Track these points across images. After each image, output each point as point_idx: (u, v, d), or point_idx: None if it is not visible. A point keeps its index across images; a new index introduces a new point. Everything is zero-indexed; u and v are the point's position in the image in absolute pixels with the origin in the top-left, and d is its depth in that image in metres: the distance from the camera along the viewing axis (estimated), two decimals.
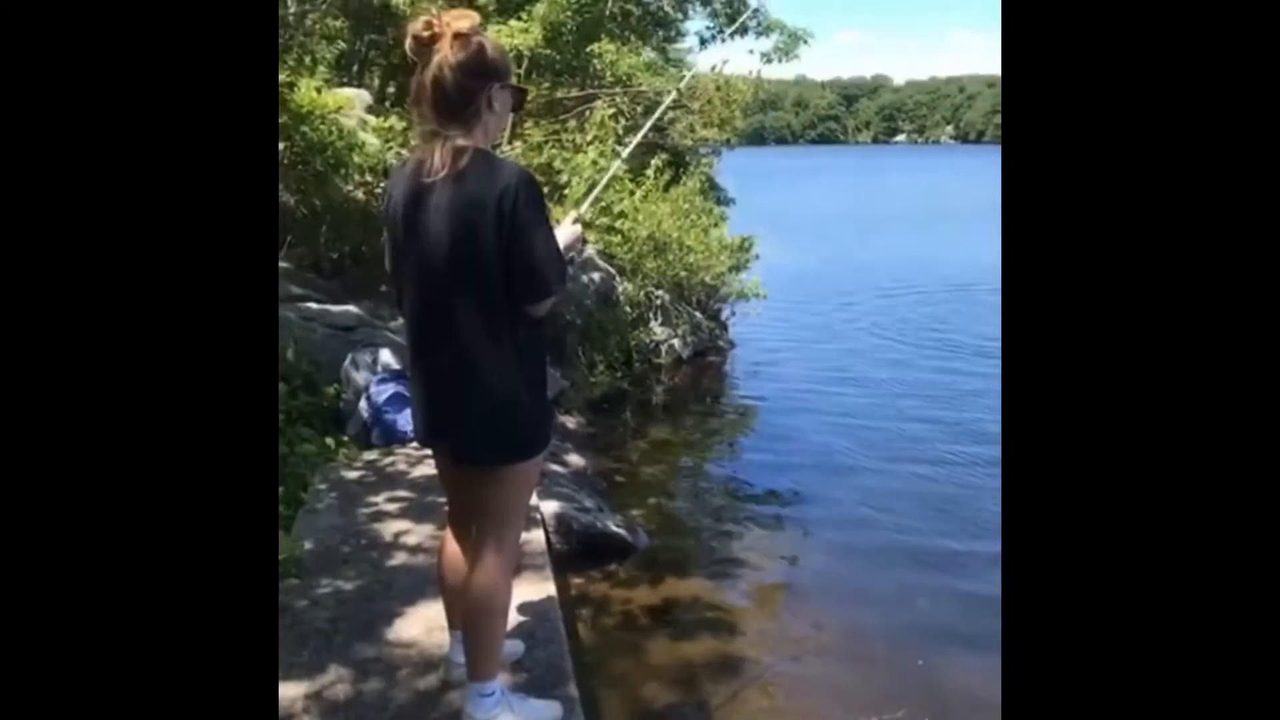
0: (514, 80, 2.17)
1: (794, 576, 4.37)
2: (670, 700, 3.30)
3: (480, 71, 2.01)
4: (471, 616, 2.21)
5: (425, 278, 2.08)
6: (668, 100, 5.02)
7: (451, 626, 2.46)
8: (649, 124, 3.74)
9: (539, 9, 8.46)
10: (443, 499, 2.70)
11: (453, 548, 2.36)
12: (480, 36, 2.03)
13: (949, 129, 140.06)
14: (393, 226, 2.13)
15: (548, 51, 8.51)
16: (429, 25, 1.98)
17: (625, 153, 3.39)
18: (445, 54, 1.97)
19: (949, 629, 3.81)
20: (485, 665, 2.21)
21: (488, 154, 2.05)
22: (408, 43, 2.01)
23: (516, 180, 1.99)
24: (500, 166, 2.03)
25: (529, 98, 2.13)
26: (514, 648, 2.64)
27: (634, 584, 4.11)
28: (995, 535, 4.57)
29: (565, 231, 2.30)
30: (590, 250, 7.07)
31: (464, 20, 2.00)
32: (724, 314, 9.74)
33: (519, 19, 8.50)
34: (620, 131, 7.98)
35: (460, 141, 2.01)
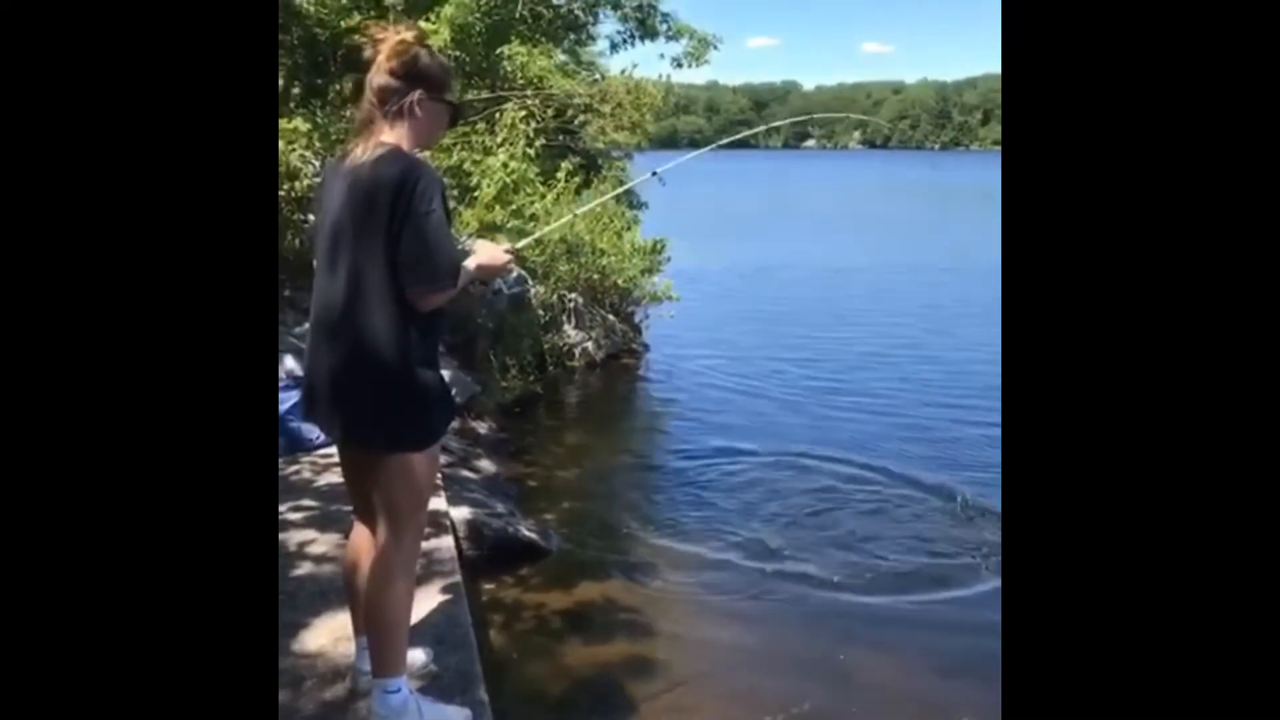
0: (451, 97, 2.28)
1: (707, 577, 4.41)
2: (582, 703, 3.31)
3: (408, 75, 2.14)
4: (370, 611, 2.20)
5: (325, 258, 2.16)
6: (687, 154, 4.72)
7: (358, 634, 2.43)
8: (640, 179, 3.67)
9: (446, 10, 8.35)
10: (348, 508, 2.66)
11: (357, 553, 2.34)
12: (420, 47, 2.16)
13: (857, 134, 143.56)
14: (315, 212, 2.26)
15: (457, 53, 8.39)
16: (380, 29, 2.16)
17: (584, 209, 3.38)
18: (381, 55, 2.13)
19: (863, 622, 3.90)
20: (389, 661, 2.19)
21: (402, 150, 2.12)
22: (365, 47, 2.17)
23: (419, 171, 2.07)
24: (408, 160, 2.10)
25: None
26: (421, 656, 2.61)
27: (547, 588, 4.11)
28: (909, 527, 4.71)
29: (487, 250, 2.34)
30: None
31: (410, 31, 2.17)
32: (637, 317, 9.78)
33: (427, 20, 8.38)
34: (531, 134, 7.92)
35: (384, 138, 2.12)
